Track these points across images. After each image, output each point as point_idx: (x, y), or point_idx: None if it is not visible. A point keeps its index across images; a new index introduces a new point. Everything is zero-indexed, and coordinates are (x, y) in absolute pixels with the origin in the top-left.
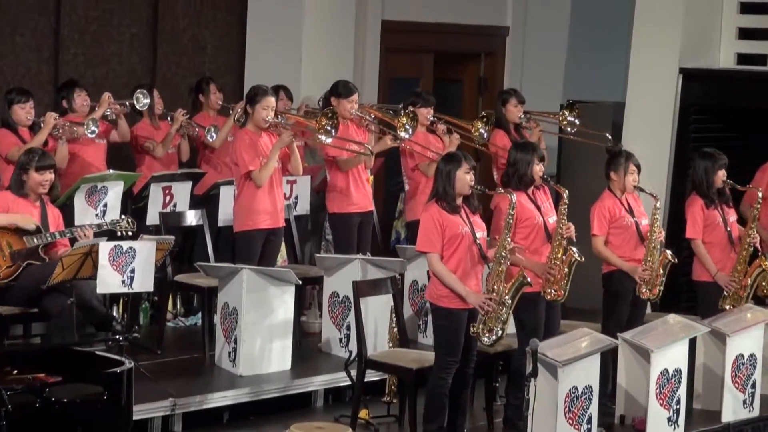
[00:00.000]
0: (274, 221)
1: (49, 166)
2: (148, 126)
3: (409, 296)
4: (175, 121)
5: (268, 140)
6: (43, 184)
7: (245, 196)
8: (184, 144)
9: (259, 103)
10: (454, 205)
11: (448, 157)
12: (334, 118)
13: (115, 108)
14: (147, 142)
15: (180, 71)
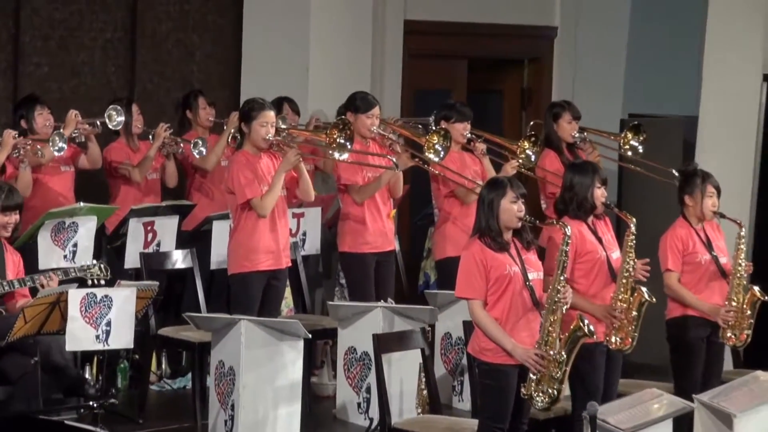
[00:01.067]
0: (278, 262)
1: (17, 206)
2: (124, 147)
3: (442, 352)
4: (156, 137)
5: (270, 163)
6: (6, 227)
7: (243, 231)
8: (170, 166)
9: (255, 120)
10: (501, 242)
11: (491, 184)
12: (347, 129)
13: (83, 128)
14: (122, 166)
15: (163, 83)
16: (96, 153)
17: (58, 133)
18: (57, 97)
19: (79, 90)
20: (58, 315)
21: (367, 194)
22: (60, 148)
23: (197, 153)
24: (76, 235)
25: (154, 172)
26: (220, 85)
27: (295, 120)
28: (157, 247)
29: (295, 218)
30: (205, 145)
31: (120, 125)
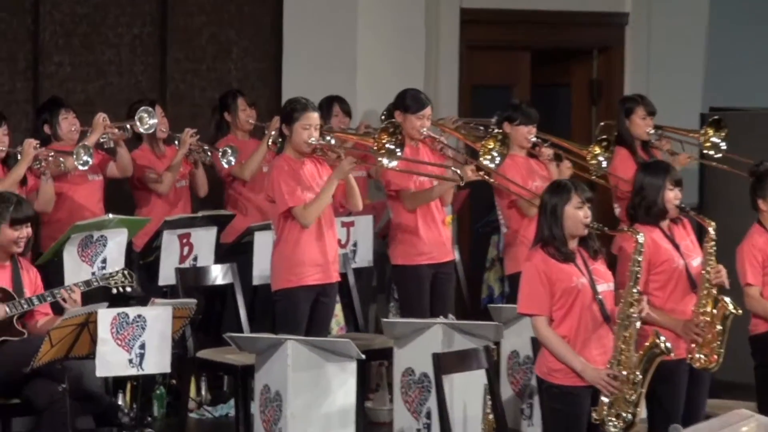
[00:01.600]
0: (326, 276)
1: (27, 218)
2: (148, 154)
3: (509, 372)
4: (181, 144)
5: (314, 168)
6: (18, 242)
7: (287, 243)
8: (199, 174)
9: (297, 122)
10: (566, 251)
11: (554, 188)
12: (398, 133)
13: (112, 133)
14: (146, 176)
15: (197, 83)
16: (126, 159)
17: (83, 145)
18: (81, 99)
19: (104, 91)
20: (88, 337)
21: (420, 202)
22: (85, 162)
23: (225, 162)
24: (105, 249)
25: (183, 179)
26: (259, 84)
27: (345, 122)
28: (194, 262)
29: (345, 227)
30: (234, 153)
31: (152, 129)
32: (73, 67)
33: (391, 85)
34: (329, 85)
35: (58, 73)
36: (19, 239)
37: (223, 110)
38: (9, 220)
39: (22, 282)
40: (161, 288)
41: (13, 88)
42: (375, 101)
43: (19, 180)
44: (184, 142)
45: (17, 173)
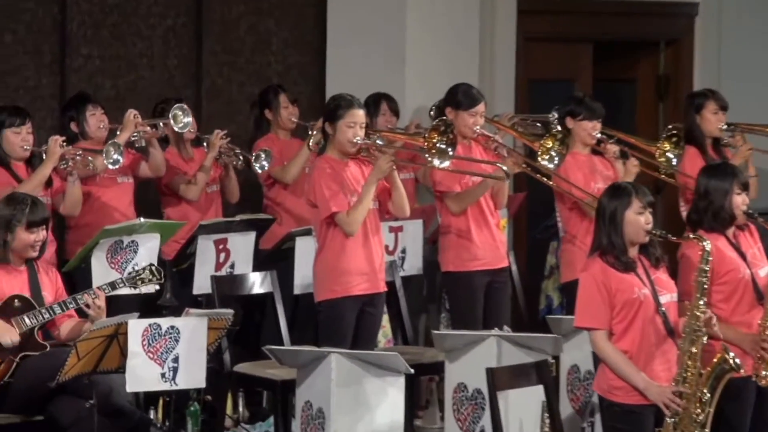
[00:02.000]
0: (373, 285)
1: (43, 221)
2: (175, 156)
3: (568, 388)
4: (210, 147)
5: (358, 170)
6: (34, 245)
7: (330, 250)
8: (231, 179)
9: (342, 119)
10: (626, 260)
11: (613, 192)
12: (450, 132)
13: (144, 130)
14: (176, 178)
15: (235, 77)
16: (159, 159)
17: (113, 143)
18: (110, 94)
19: (135, 86)
20: (117, 350)
21: (466, 203)
22: (115, 161)
23: (259, 167)
24: (136, 255)
25: (214, 184)
26: (302, 79)
27: (393, 122)
28: (231, 269)
29: (393, 233)
30: (269, 158)
31: (187, 127)
32: (102, 61)
33: (443, 81)
34: (376, 80)
35: (86, 67)
36: (36, 242)
37: (263, 107)
38: (25, 223)
39: (41, 286)
40: (196, 297)
41: (39, 83)
42: (425, 98)
43: (44, 181)
44: (214, 145)
45: (42, 173)
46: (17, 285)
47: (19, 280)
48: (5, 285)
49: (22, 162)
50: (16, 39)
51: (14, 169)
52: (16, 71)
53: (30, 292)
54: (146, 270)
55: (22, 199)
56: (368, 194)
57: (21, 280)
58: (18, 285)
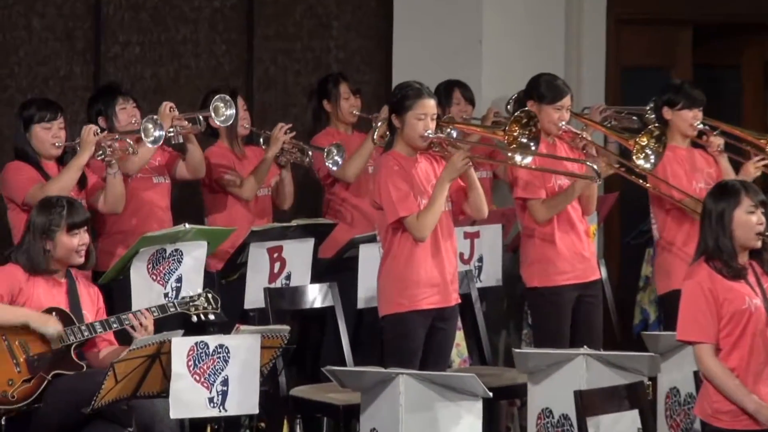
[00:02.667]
0: (445, 298)
1: (84, 222)
2: (227, 153)
3: (667, 413)
4: (272, 141)
5: (429, 168)
6: (78, 250)
7: (397, 259)
8: (287, 182)
9: (410, 111)
10: (736, 266)
11: (719, 191)
12: (533, 124)
13: (182, 125)
14: (227, 177)
15: (291, 65)
16: (198, 157)
17: (150, 118)
18: (150, 85)
19: (178, 77)
20: (159, 372)
21: (553, 211)
22: (157, 138)
23: (331, 164)
24: (181, 266)
25: (266, 186)
26: (365, 67)
27: (468, 111)
28: (287, 281)
29: (468, 239)
30: (341, 153)
31: (229, 121)
32: (142, 48)
33: (523, 68)
34: (449, 67)
35: (124, 55)
36: (80, 246)
37: (322, 98)
38: (65, 226)
39: (80, 303)
40: (247, 312)
41: (70, 73)
42: (503, 87)
43: (80, 172)
44: (276, 140)
45: (77, 164)
46: (56, 298)
47: (58, 292)
48: (43, 296)
49: (53, 161)
50: (45, 24)
51: (45, 169)
52: (45, 60)
53: (69, 306)
54: (201, 297)
55: (56, 201)
56: (440, 195)
57: (59, 293)
58: (57, 298)
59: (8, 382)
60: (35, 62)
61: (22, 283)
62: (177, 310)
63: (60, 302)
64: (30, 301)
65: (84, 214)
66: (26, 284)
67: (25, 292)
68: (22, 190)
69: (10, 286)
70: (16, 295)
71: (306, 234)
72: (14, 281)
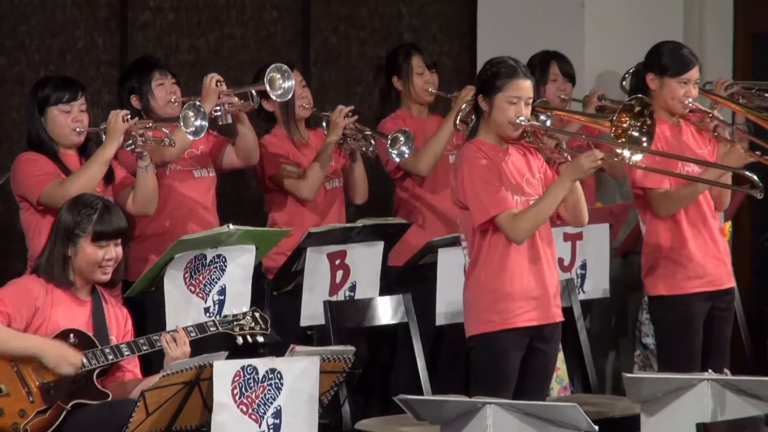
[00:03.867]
0: (544, 314)
1: (117, 233)
2: (285, 140)
3: None
4: (332, 127)
5: (522, 161)
6: (103, 265)
7: (487, 267)
8: (358, 172)
9: (500, 92)
10: None
11: None
12: (646, 114)
13: (230, 102)
14: (284, 169)
15: (355, 34)
16: (250, 141)
17: (192, 104)
18: (187, 59)
19: (221, 48)
20: (199, 401)
21: (681, 203)
22: (198, 129)
23: (396, 154)
24: (224, 275)
25: (335, 178)
26: (444, 37)
27: (566, 90)
28: (351, 293)
29: (568, 242)
30: (409, 141)
31: (287, 95)
32: (177, 14)
33: (636, 37)
34: (544, 36)
35: (156, 23)
36: (107, 263)
37: (391, 74)
38: (92, 233)
39: (107, 325)
40: (304, 330)
41: (92, 45)
42: (611, 60)
43: (106, 167)
44: (336, 125)
45: (103, 157)
46: (78, 319)
47: (80, 313)
48: (61, 316)
49: (74, 150)
50: None
51: (64, 161)
52: (62, 29)
53: (92, 329)
54: (248, 316)
55: (90, 202)
56: (554, 197)
57: (82, 313)
58: (79, 319)
59: (19, 413)
60: (50, 32)
61: (39, 300)
62: (218, 330)
63: (82, 324)
64: (47, 323)
65: (118, 223)
66: (44, 302)
67: (41, 312)
68: (37, 187)
69: (24, 304)
70: (31, 315)
71: (374, 237)
72: (29, 298)
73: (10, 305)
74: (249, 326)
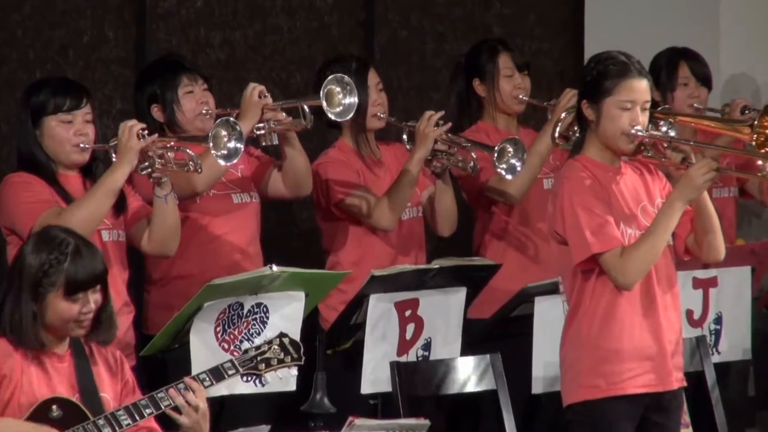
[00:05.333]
0: (662, 377)
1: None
2: (352, 156)
3: None
4: (419, 140)
5: (639, 182)
6: (79, 320)
7: (590, 317)
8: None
9: (610, 96)
10: None
11: None
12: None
13: (276, 119)
14: (352, 195)
15: (429, 27)
16: (301, 167)
17: (226, 121)
18: (220, 58)
19: (262, 45)
20: None
21: None
22: (231, 152)
23: (505, 169)
24: (266, 329)
25: (414, 206)
26: (542, 30)
27: (700, 96)
28: (425, 352)
29: (699, 290)
30: (520, 152)
31: (348, 114)
32: (207, 2)
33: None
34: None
35: (180, 12)
36: (83, 316)
37: (473, 75)
38: (63, 286)
39: (96, 382)
40: (366, 399)
41: (101, 40)
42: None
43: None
44: (425, 136)
45: (113, 181)
46: (57, 381)
47: (59, 372)
48: (36, 382)
49: (77, 171)
50: None
51: (63, 184)
52: (64, 21)
53: (78, 391)
54: (273, 345)
55: (60, 240)
56: (666, 225)
57: (62, 373)
58: (59, 381)
59: None
60: (47, 23)
61: (4, 367)
62: (239, 371)
63: (64, 388)
64: (19, 394)
65: (93, 267)
66: (12, 367)
67: (11, 378)
68: (28, 217)
69: None
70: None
71: (454, 281)
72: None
73: None
74: (277, 358)
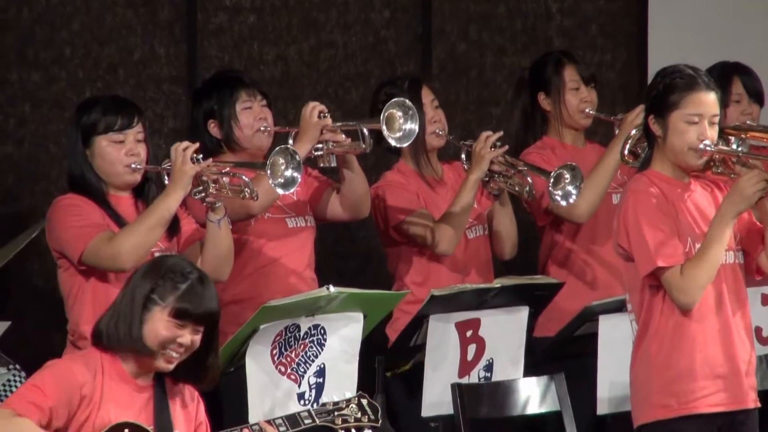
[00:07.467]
0: (737, 397)
1: (206, 316)
2: (412, 177)
3: None
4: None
5: (707, 199)
6: (170, 349)
7: (660, 335)
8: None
9: (678, 109)
10: None
11: None
12: None
13: (336, 141)
14: (414, 213)
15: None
16: (359, 190)
17: (284, 149)
18: (274, 74)
19: (317, 60)
20: None
21: None
22: (288, 181)
23: (561, 196)
24: (323, 352)
25: (479, 224)
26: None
27: (752, 113)
28: (487, 373)
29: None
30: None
31: (408, 140)
32: (260, 17)
33: None
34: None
35: (232, 28)
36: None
37: (537, 91)
38: (173, 305)
39: (172, 418)
40: (427, 422)
41: (152, 57)
42: None
43: (167, 222)
44: (481, 158)
45: (166, 207)
46: (134, 408)
47: (137, 401)
48: (113, 406)
49: (129, 192)
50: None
51: (114, 206)
52: (111, 37)
53: (153, 423)
54: (352, 404)
55: (180, 268)
56: (719, 239)
57: (140, 403)
58: (135, 409)
59: None
60: (96, 40)
61: (86, 387)
62: (315, 422)
63: (140, 416)
64: (94, 416)
65: (209, 306)
66: (92, 388)
67: (91, 399)
68: (79, 241)
69: (66, 393)
70: (75, 407)
71: (516, 300)
72: (72, 385)
73: (51, 397)
74: (354, 417)
